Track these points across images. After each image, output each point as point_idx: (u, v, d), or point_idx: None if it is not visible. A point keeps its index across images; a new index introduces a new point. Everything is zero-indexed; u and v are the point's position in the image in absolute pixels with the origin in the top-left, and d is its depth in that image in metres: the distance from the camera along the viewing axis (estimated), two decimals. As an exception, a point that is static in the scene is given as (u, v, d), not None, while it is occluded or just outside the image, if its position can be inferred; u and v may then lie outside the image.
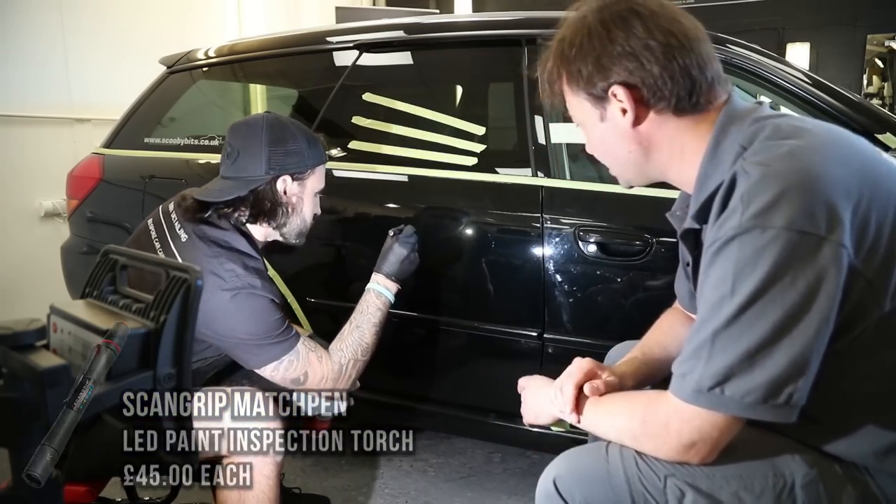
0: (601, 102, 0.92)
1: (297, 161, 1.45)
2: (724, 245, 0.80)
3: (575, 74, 0.92)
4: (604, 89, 0.91)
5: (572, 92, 0.95)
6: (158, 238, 1.43)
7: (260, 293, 1.36)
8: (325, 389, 1.44)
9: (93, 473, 1.34)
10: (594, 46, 0.89)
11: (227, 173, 1.44)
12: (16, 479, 0.60)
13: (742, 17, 5.65)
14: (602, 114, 0.93)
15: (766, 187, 0.78)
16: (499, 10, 5.74)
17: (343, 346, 1.48)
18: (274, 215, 1.47)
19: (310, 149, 1.47)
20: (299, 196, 1.49)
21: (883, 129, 1.54)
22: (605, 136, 0.96)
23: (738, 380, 0.78)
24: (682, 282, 1.18)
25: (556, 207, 1.66)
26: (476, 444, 2.22)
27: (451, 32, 2.01)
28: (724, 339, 0.79)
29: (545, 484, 0.96)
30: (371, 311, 1.52)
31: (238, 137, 1.44)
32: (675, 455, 0.85)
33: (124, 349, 0.60)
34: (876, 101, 5.70)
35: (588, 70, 0.90)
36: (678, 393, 0.83)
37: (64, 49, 3.44)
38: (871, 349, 0.84)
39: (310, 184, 1.50)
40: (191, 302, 0.63)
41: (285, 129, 1.45)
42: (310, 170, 1.48)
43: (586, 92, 0.93)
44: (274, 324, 1.37)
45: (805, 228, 0.76)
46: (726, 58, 1.66)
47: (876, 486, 0.87)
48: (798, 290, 0.76)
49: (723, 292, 0.80)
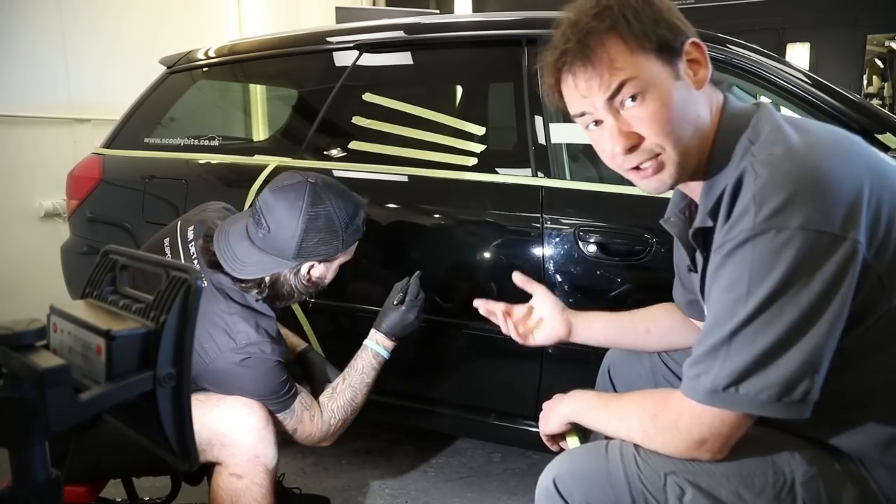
0: (675, 60, 0.87)
1: (329, 248, 1.35)
2: (736, 247, 0.80)
3: (650, 28, 0.85)
4: (681, 43, 0.87)
5: (640, 52, 0.85)
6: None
7: (269, 357, 1.33)
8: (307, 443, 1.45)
9: (92, 473, 1.34)
10: (656, 6, 0.87)
11: (255, 241, 1.33)
12: (16, 480, 0.60)
13: (742, 17, 5.65)
14: (676, 71, 0.87)
15: (777, 187, 0.78)
16: (499, 10, 5.74)
17: (335, 406, 1.46)
18: (291, 298, 1.41)
19: (347, 230, 1.36)
20: (323, 275, 1.42)
21: (883, 129, 1.54)
22: (681, 95, 0.87)
23: (754, 378, 0.78)
24: (679, 291, 1.18)
25: (556, 207, 1.66)
26: (476, 444, 2.22)
27: (451, 32, 2.01)
28: (741, 339, 0.79)
29: (545, 483, 0.96)
30: (366, 370, 1.50)
31: (275, 210, 1.31)
32: (685, 452, 0.86)
33: (124, 349, 0.60)
34: (876, 101, 5.70)
35: (661, 29, 0.86)
36: (691, 394, 0.83)
37: (64, 49, 3.44)
38: (879, 344, 0.84)
39: (338, 261, 1.42)
40: (191, 302, 0.63)
41: (327, 209, 1.32)
42: (342, 252, 1.39)
43: (659, 48, 0.86)
44: (278, 386, 1.35)
45: (821, 227, 0.76)
46: (726, 58, 1.66)
47: (875, 484, 0.87)
48: (814, 289, 0.76)
49: (738, 294, 0.79)
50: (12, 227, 3.30)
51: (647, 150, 0.88)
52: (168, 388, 0.63)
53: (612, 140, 0.89)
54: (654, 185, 0.92)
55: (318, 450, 2.13)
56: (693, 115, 0.88)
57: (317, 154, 2.00)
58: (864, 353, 0.84)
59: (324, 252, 1.35)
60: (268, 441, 1.31)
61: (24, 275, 3.20)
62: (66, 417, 0.57)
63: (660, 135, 0.87)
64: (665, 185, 0.91)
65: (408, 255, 1.84)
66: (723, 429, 0.82)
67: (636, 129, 0.87)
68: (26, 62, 3.31)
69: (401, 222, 1.86)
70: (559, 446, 1.12)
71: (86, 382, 0.61)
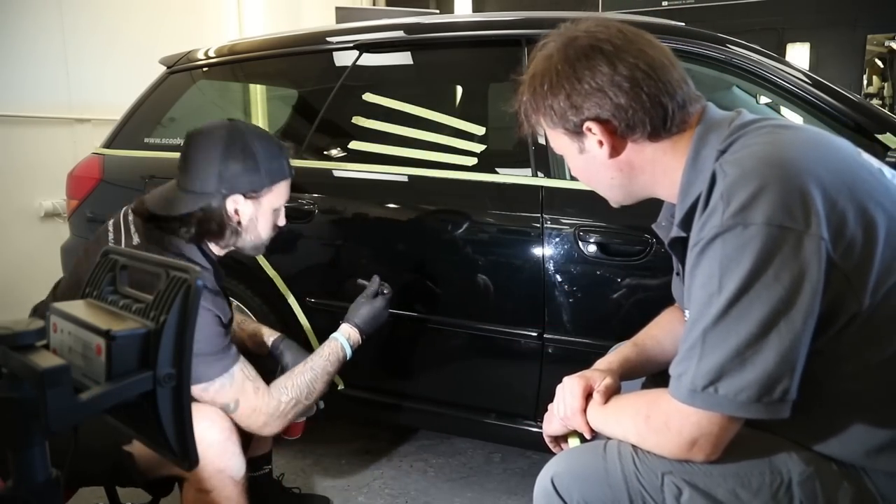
0: (578, 136, 0.95)
1: (252, 180, 1.34)
2: (707, 244, 0.81)
3: (549, 111, 0.95)
4: (577, 125, 0.93)
5: (549, 126, 0.98)
6: (115, 240, 1.38)
7: (204, 304, 1.25)
8: (254, 426, 1.33)
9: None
10: (563, 85, 0.92)
11: (181, 183, 1.35)
12: (16, 480, 0.60)
13: (742, 17, 5.65)
14: (580, 146, 0.97)
15: (744, 184, 0.79)
16: (499, 10, 5.74)
17: (290, 384, 1.39)
18: (221, 236, 1.37)
19: (270, 164, 1.36)
20: (253, 216, 1.38)
21: (883, 129, 1.54)
22: (587, 165, 0.99)
23: (731, 378, 0.79)
24: (677, 286, 1.19)
25: (556, 207, 1.66)
26: (476, 444, 2.22)
27: (451, 32, 2.01)
28: (714, 337, 0.80)
29: (543, 482, 0.97)
30: (331, 359, 1.46)
31: (193, 147, 1.34)
32: (678, 452, 0.86)
33: (124, 349, 0.60)
34: (876, 101, 5.70)
35: (560, 107, 0.93)
36: (675, 394, 0.84)
37: (64, 49, 3.44)
38: (855, 348, 0.84)
39: (266, 202, 1.39)
40: (191, 302, 0.63)
41: (245, 141, 1.34)
42: (266, 188, 1.37)
43: (562, 127, 0.95)
44: (212, 339, 1.27)
45: (784, 223, 0.77)
46: (726, 58, 1.66)
47: (871, 484, 0.87)
48: (782, 284, 0.77)
49: (710, 291, 0.80)
50: (12, 227, 3.30)
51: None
52: (168, 388, 0.63)
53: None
54: (612, 203, 1.07)
55: (317, 449, 2.13)
56: (604, 178, 0.99)
57: (317, 154, 2.00)
58: (842, 356, 0.84)
59: (246, 184, 1.34)
60: (231, 452, 1.27)
61: (24, 275, 3.20)
62: (66, 417, 0.57)
63: (585, 184, 1.05)
64: (617, 205, 1.06)
65: (407, 254, 1.85)
66: (712, 429, 0.82)
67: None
68: (26, 62, 3.31)
69: (401, 222, 1.86)
70: (561, 448, 1.12)
71: (86, 382, 0.61)
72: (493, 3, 6.76)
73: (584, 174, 1.02)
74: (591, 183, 1.03)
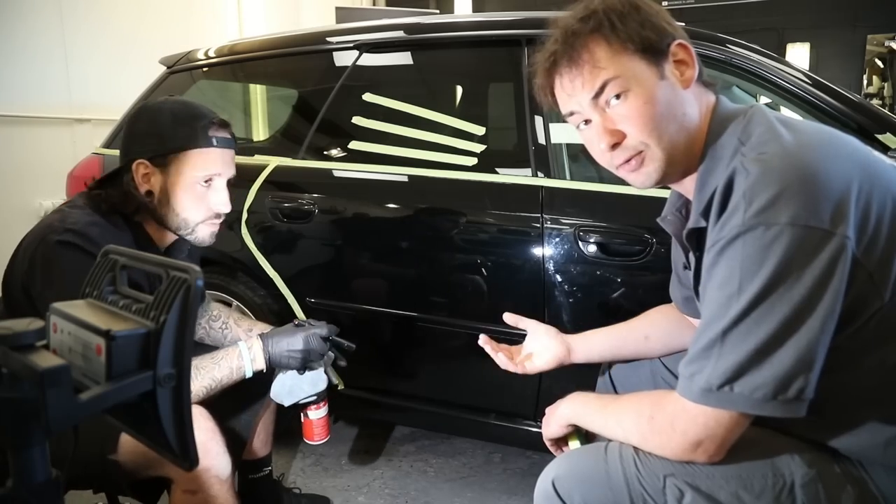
0: (660, 60, 0.90)
1: (152, 144, 1.25)
2: (728, 244, 0.80)
3: (629, 35, 0.88)
4: (668, 44, 0.90)
5: (623, 53, 0.89)
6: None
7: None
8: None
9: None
10: (644, 10, 0.91)
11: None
12: (16, 480, 0.60)
13: (742, 17, 5.66)
14: (660, 71, 0.90)
15: (767, 184, 0.78)
16: (499, 10, 5.74)
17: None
18: (123, 206, 1.28)
19: (175, 129, 1.25)
20: (164, 187, 1.28)
21: (883, 129, 1.54)
22: (665, 94, 0.90)
23: (748, 377, 0.78)
24: (676, 287, 1.18)
25: (556, 207, 1.66)
26: (476, 444, 2.22)
27: (451, 32, 2.01)
28: (734, 337, 0.79)
29: (544, 485, 0.96)
30: (224, 366, 1.30)
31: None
32: (681, 454, 0.86)
33: (124, 349, 0.60)
34: (876, 101, 5.71)
35: (646, 31, 0.89)
36: (686, 394, 0.83)
37: (64, 49, 3.44)
38: (873, 343, 0.84)
39: (175, 170, 1.27)
40: (191, 302, 0.63)
41: (160, 105, 1.28)
42: (173, 154, 1.26)
43: (642, 52, 0.89)
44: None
45: (810, 223, 0.76)
46: (726, 58, 1.66)
47: (874, 486, 0.87)
48: (805, 285, 0.76)
49: (730, 291, 0.80)
50: (12, 227, 3.29)
51: (630, 147, 0.91)
52: (168, 388, 0.62)
53: (598, 137, 0.92)
54: (641, 178, 0.94)
55: (318, 449, 2.13)
56: (678, 112, 0.90)
57: (317, 154, 2.00)
58: (859, 351, 0.84)
59: (149, 147, 1.26)
60: (216, 452, 1.24)
61: (24, 275, 3.20)
62: (66, 417, 0.57)
63: (643, 131, 0.89)
64: (651, 178, 0.93)
65: (407, 254, 1.84)
66: (718, 430, 0.82)
67: (620, 127, 0.90)
68: (26, 62, 3.31)
69: (401, 222, 1.86)
70: (562, 450, 1.11)
71: (86, 382, 0.61)
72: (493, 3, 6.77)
73: (660, 106, 0.89)
74: (663, 120, 0.89)
